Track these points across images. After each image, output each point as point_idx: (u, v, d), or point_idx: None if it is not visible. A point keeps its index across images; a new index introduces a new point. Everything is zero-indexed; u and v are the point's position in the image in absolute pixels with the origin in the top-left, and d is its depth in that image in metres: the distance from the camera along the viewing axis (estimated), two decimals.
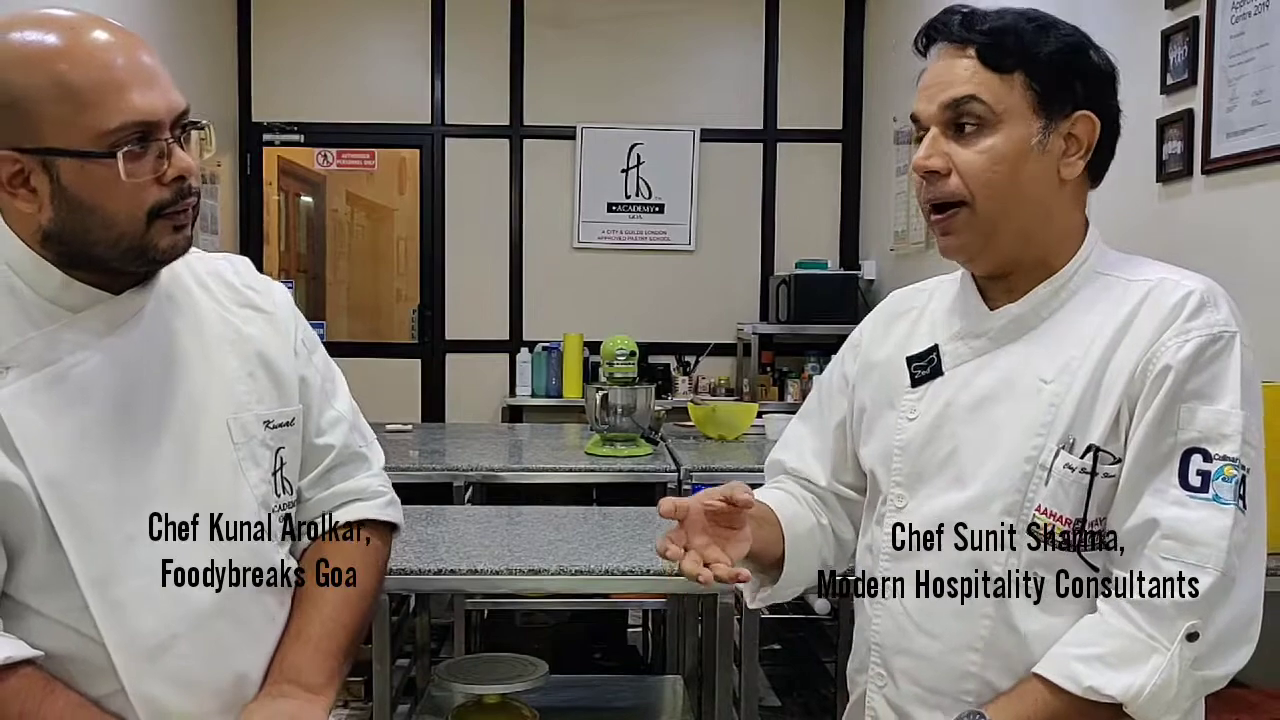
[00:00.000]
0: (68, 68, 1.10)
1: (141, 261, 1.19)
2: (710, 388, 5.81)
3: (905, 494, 1.32)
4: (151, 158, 1.14)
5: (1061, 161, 1.26)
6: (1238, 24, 2.71)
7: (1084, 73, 1.27)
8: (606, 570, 2.11)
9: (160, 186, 1.15)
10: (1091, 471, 1.20)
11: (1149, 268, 1.28)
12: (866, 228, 5.90)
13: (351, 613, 1.34)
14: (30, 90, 1.10)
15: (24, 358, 1.16)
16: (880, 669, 1.34)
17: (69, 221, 1.14)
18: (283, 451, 1.31)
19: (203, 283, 1.33)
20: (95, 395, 1.18)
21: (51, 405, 1.15)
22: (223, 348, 1.29)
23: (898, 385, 1.36)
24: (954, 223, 1.26)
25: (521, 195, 5.93)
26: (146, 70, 1.14)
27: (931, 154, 1.25)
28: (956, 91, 1.23)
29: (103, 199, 1.13)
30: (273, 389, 1.32)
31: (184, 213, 1.18)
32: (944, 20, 1.27)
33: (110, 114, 1.11)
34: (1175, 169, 2.96)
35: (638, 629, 4.05)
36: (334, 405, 1.41)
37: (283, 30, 5.75)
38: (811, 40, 5.93)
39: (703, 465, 3.26)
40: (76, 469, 1.16)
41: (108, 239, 1.15)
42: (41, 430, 1.14)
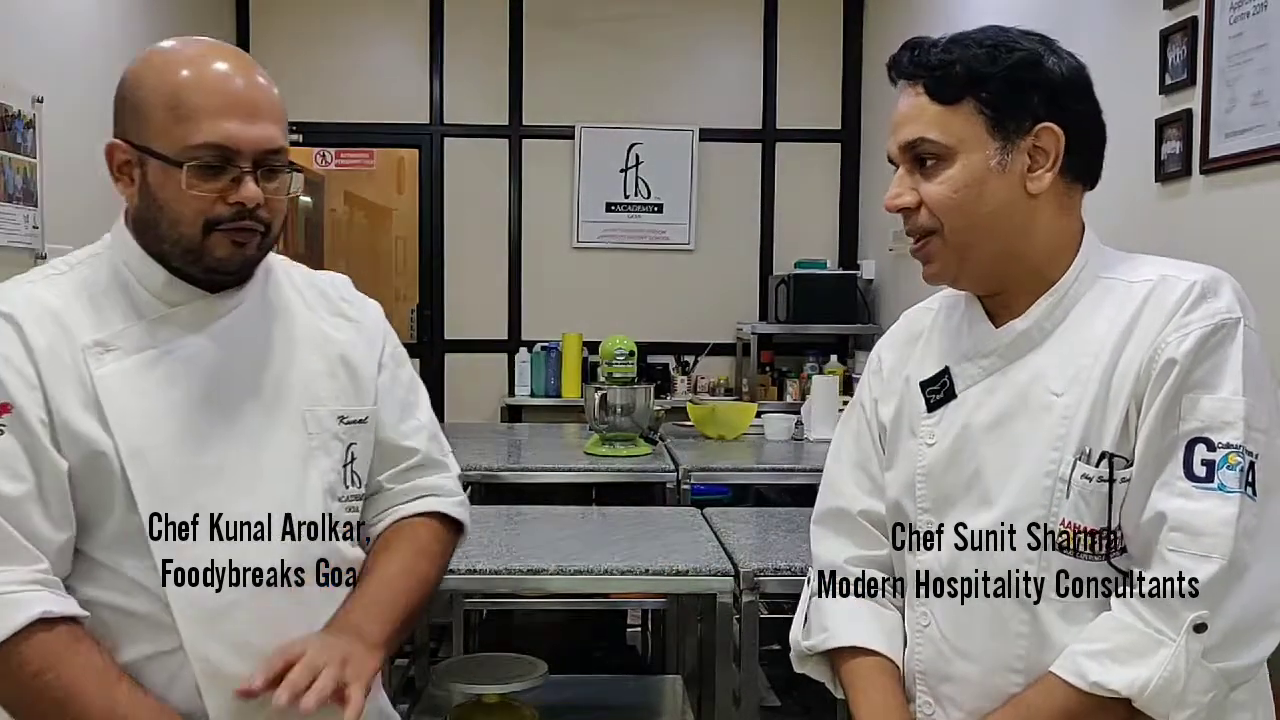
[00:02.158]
0: (182, 85, 1.28)
1: (200, 266, 1.32)
2: (709, 387, 5.81)
3: (934, 519, 1.32)
4: (224, 179, 1.28)
5: (1027, 177, 1.25)
6: (1236, 24, 2.71)
7: (1039, 85, 1.25)
8: (605, 570, 2.11)
9: (223, 204, 1.29)
10: (1109, 479, 1.20)
11: (1150, 266, 1.28)
12: (865, 228, 5.90)
13: (412, 583, 1.43)
14: (150, 96, 1.28)
15: (125, 342, 1.31)
16: (927, 697, 1.34)
17: (146, 212, 1.32)
18: (354, 447, 1.42)
19: (299, 291, 1.47)
20: (184, 379, 1.32)
21: (144, 384, 1.30)
22: (308, 348, 1.42)
23: (915, 411, 1.37)
24: (928, 250, 1.30)
25: (520, 195, 5.93)
26: (247, 105, 1.29)
27: (900, 191, 1.30)
28: (908, 133, 1.28)
29: (170, 200, 1.29)
30: (351, 389, 1.44)
31: (243, 230, 1.31)
32: (897, 57, 1.31)
33: (196, 132, 1.26)
34: (1174, 169, 2.97)
35: (637, 629, 4.05)
36: (416, 415, 1.53)
37: (281, 30, 5.75)
38: (810, 40, 5.93)
39: (702, 465, 3.26)
40: (159, 442, 1.29)
41: (171, 236, 1.31)
42: (132, 405, 1.28)
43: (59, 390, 1.26)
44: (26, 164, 3.55)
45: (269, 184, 1.31)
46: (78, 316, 1.31)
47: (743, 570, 2.10)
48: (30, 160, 3.57)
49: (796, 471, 3.39)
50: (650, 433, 3.54)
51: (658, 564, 2.14)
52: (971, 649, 1.28)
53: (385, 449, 1.48)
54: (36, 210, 3.60)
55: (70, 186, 3.84)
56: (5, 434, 1.23)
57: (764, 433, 3.78)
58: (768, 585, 2.11)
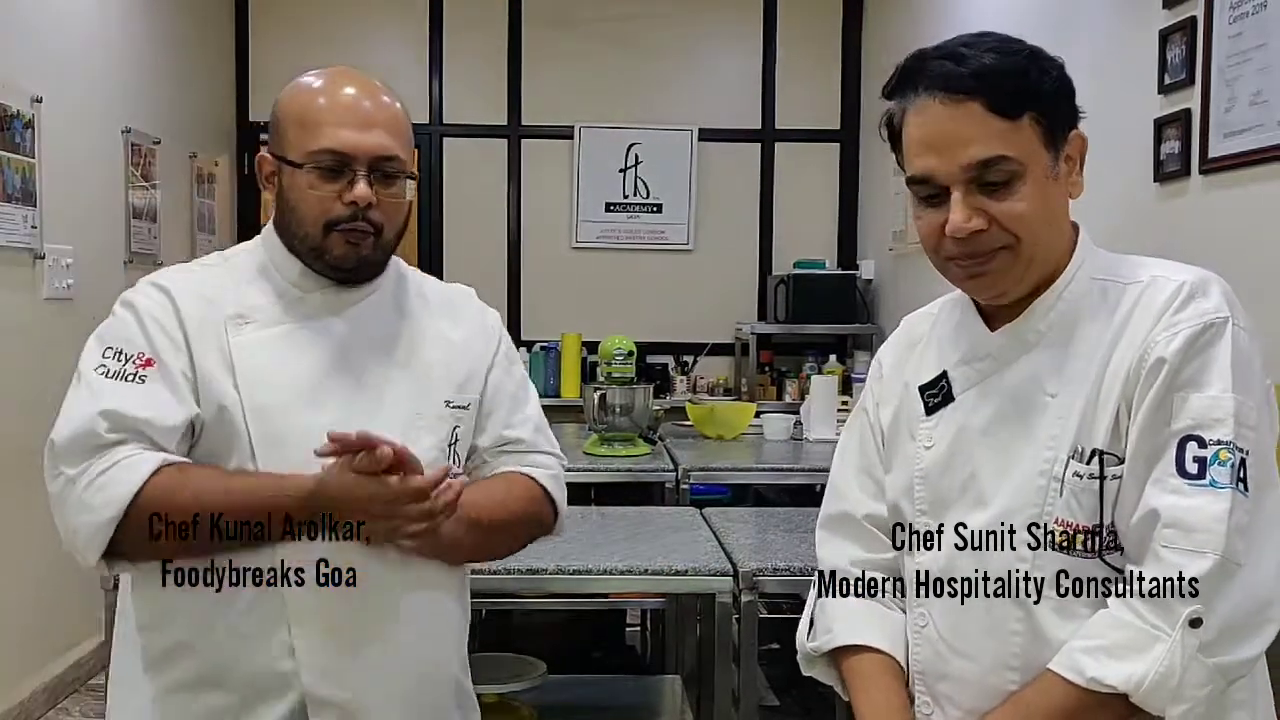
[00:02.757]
0: (311, 104, 1.47)
1: (322, 263, 1.48)
2: (708, 387, 5.81)
3: (930, 522, 1.32)
4: (342, 182, 1.44)
5: (1069, 182, 1.27)
6: (1235, 24, 2.72)
7: (1072, 93, 1.27)
8: (605, 570, 2.11)
9: (341, 205, 1.44)
10: (1100, 475, 1.21)
11: (1143, 267, 1.28)
12: (865, 227, 5.91)
13: (498, 509, 1.53)
14: (288, 115, 1.48)
15: (261, 316, 1.49)
16: (925, 696, 1.34)
17: (282, 213, 1.50)
18: (458, 429, 1.55)
19: (427, 298, 1.61)
20: (310, 353, 1.48)
21: (274, 354, 1.47)
22: (427, 343, 1.56)
23: (914, 415, 1.37)
24: (994, 264, 1.25)
25: (519, 195, 5.93)
26: (366, 117, 1.46)
27: (970, 215, 1.22)
28: (981, 152, 1.20)
29: (298, 202, 1.47)
30: (459, 380, 1.57)
31: (356, 231, 1.46)
32: (934, 69, 1.23)
33: (317, 139, 1.44)
34: (1173, 169, 2.97)
35: (636, 629, 4.05)
36: (524, 409, 1.65)
37: (280, 30, 5.75)
38: (810, 40, 5.93)
39: (701, 465, 3.26)
40: (282, 404, 1.44)
41: (300, 234, 1.48)
42: (262, 369, 1.45)
43: (202, 353, 1.44)
44: (25, 164, 3.55)
45: (383, 189, 1.46)
46: (225, 296, 1.49)
47: (742, 570, 2.10)
48: (29, 160, 3.57)
49: (795, 471, 3.40)
50: (649, 433, 3.54)
51: (657, 564, 2.14)
52: (968, 648, 1.29)
53: (494, 438, 1.60)
54: (35, 210, 3.60)
55: (69, 186, 3.84)
56: (148, 382, 1.41)
57: (763, 433, 3.78)
58: (767, 585, 2.11)
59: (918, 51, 1.27)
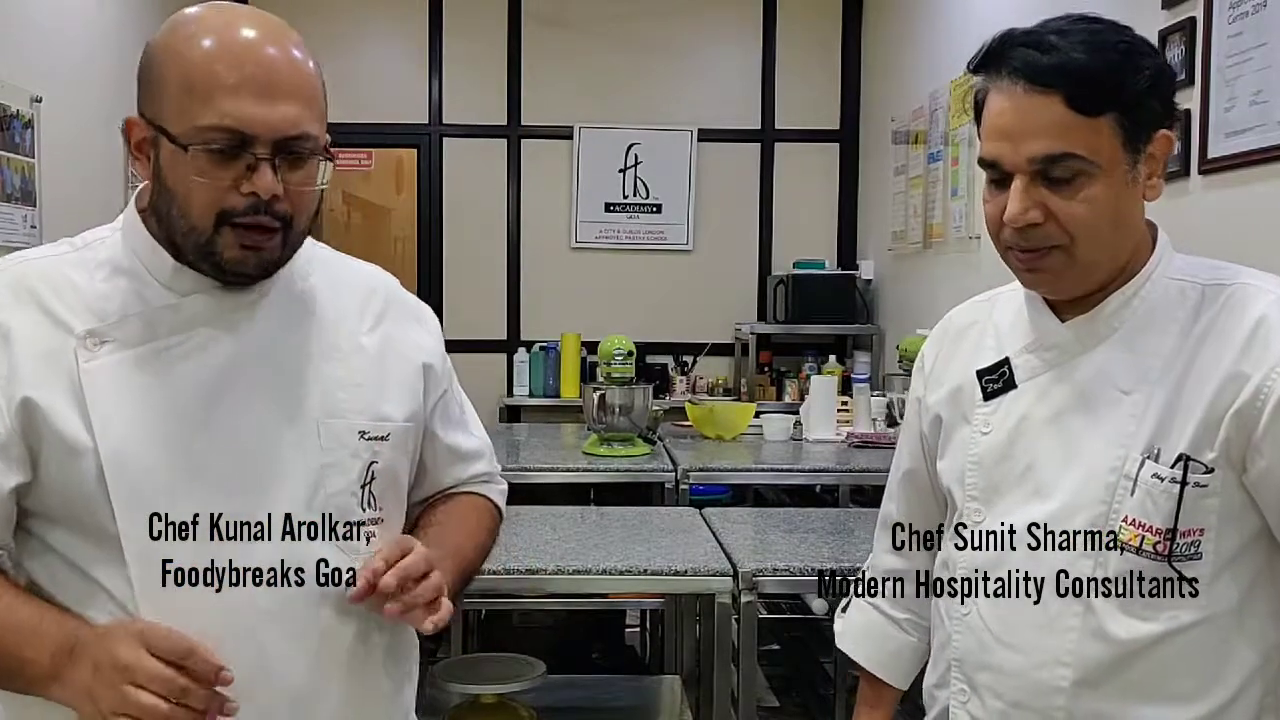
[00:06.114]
0: (198, 58, 1.13)
1: (211, 265, 1.18)
2: (708, 388, 5.81)
3: (982, 508, 1.30)
4: (238, 166, 1.13)
5: (1146, 185, 1.23)
6: (1235, 24, 2.71)
7: (1166, 96, 1.23)
8: (604, 570, 2.11)
9: (238, 194, 1.14)
10: (1182, 481, 1.18)
11: (1221, 270, 1.27)
12: (864, 228, 5.90)
13: (480, 551, 1.39)
14: (166, 68, 1.15)
15: (121, 334, 1.17)
16: (962, 684, 1.32)
17: (159, 197, 1.18)
18: (375, 466, 1.25)
19: (336, 287, 1.31)
20: (181, 379, 1.18)
21: (136, 383, 1.16)
22: (334, 355, 1.27)
23: (970, 400, 1.35)
24: (1048, 261, 1.22)
25: (519, 195, 5.93)
26: (271, 83, 1.14)
27: (1029, 206, 1.19)
28: (1049, 147, 1.17)
29: (181, 187, 1.15)
30: (376, 402, 1.27)
31: (254, 230, 1.15)
32: (1020, 57, 1.19)
33: (207, 112, 1.12)
34: (1173, 169, 2.96)
35: (635, 629, 4.05)
36: (470, 426, 1.46)
37: None
38: (809, 40, 5.93)
39: (700, 465, 3.26)
40: (142, 448, 1.15)
41: (182, 228, 1.16)
42: (118, 405, 1.15)
43: (41, 384, 1.14)
44: (25, 164, 3.55)
45: (292, 174, 1.16)
46: (74, 302, 1.18)
47: (741, 570, 2.10)
48: (29, 160, 3.57)
49: (795, 472, 3.40)
50: (649, 433, 3.54)
51: (656, 564, 2.14)
52: (1017, 640, 1.26)
53: (454, 477, 1.43)
54: (35, 210, 3.60)
55: (69, 186, 3.84)
56: None
57: (762, 433, 3.78)
58: (766, 585, 2.11)
59: (1006, 32, 1.22)
